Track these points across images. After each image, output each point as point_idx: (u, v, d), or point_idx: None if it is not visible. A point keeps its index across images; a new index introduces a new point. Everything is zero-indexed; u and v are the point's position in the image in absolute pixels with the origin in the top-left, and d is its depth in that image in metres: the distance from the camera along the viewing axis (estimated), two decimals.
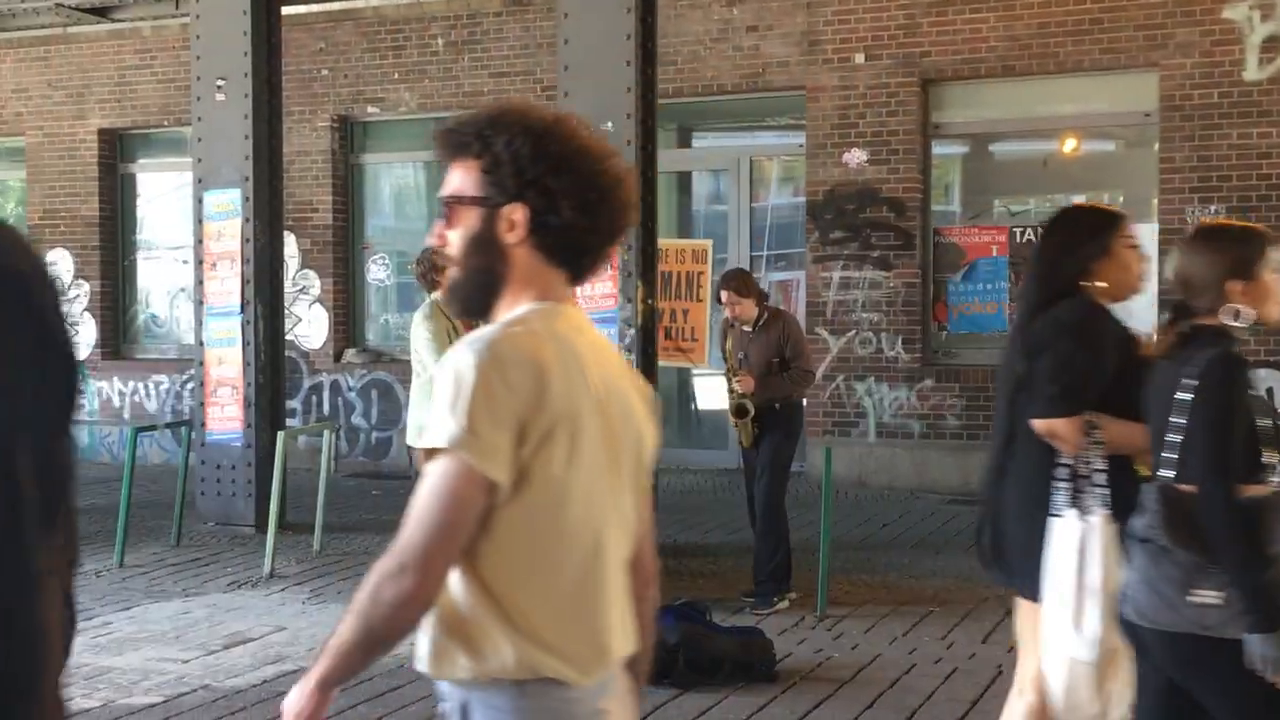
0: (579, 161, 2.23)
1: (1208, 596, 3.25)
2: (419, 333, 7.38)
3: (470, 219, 2.25)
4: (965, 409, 11.23)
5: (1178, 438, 3.34)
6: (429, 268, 7.50)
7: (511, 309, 2.26)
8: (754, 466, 7.67)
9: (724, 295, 7.61)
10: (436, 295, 7.47)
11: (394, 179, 13.85)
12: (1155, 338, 4.04)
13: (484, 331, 2.19)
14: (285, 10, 10.98)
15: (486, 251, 2.24)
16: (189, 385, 13.53)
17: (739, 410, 7.54)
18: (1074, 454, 3.86)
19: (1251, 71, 10.49)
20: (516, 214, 2.21)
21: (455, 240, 2.27)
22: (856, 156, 11.52)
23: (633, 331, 8.62)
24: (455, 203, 2.26)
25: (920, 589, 7.88)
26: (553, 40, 11.41)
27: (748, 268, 12.01)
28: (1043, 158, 11.56)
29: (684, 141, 12.93)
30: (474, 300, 2.31)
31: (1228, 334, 3.44)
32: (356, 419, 13.23)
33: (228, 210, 10.08)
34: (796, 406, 7.70)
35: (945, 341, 11.59)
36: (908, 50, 11.38)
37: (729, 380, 7.64)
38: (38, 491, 1.66)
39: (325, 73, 13.35)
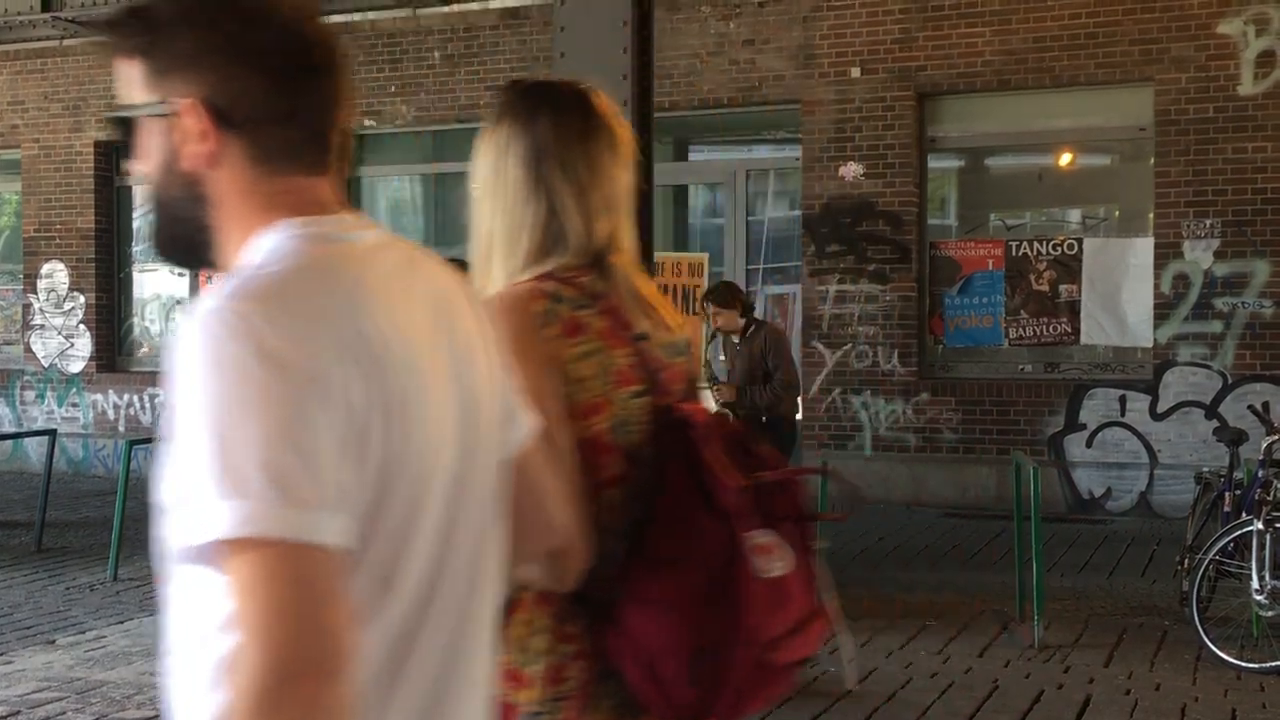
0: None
1: None
2: None
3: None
4: (961, 422, 11.22)
5: None
6: None
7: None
8: None
9: (707, 307, 7.82)
10: None
11: (390, 192, 13.85)
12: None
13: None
14: None
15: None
16: None
17: None
18: None
19: (1246, 86, 10.52)
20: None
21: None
22: (852, 170, 11.53)
23: None
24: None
25: (916, 603, 7.86)
26: (549, 53, 11.41)
27: (744, 281, 12.07)
28: (1038, 171, 11.58)
29: (680, 155, 12.94)
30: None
31: None
32: None
33: None
34: (788, 421, 7.68)
35: (941, 355, 11.59)
36: (903, 64, 11.40)
37: (709, 390, 7.69)
38: None
39: None
